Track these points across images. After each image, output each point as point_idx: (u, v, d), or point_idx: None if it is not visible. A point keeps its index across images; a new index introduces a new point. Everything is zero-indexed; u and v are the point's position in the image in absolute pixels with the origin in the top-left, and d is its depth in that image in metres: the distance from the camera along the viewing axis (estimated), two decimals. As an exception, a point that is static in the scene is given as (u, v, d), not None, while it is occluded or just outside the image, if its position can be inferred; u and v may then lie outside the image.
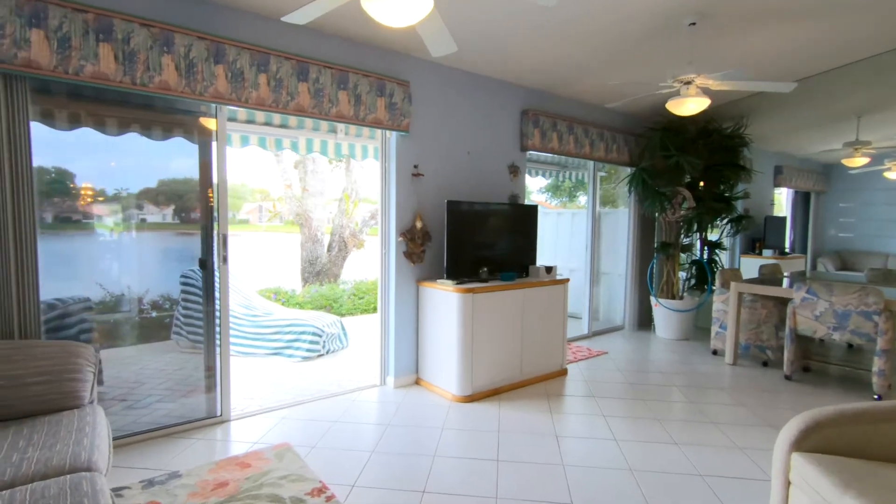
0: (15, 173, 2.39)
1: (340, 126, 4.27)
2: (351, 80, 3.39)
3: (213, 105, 3.02)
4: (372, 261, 3.97)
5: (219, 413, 3.21)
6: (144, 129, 2.95)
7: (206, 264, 3.14)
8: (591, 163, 5.59)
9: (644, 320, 6.22)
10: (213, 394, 3.24)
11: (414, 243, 3.89)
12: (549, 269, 4.27)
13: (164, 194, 3.29)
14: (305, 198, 8.67)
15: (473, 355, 3.62)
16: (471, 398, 3.62)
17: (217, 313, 3.20)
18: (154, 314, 3.50)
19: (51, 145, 2.85)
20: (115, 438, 2.87)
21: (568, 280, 4.29)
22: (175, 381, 3.34)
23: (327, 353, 5.10)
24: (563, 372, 4.30)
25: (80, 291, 3.03)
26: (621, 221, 6.17)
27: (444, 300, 3.68)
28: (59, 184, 2.94)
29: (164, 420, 3.11)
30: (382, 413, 3.40)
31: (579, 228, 6.80)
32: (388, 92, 3.59)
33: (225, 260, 3.14)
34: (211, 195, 3.13)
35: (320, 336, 5.01)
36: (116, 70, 2.54)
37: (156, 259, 3.34)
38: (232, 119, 3.80)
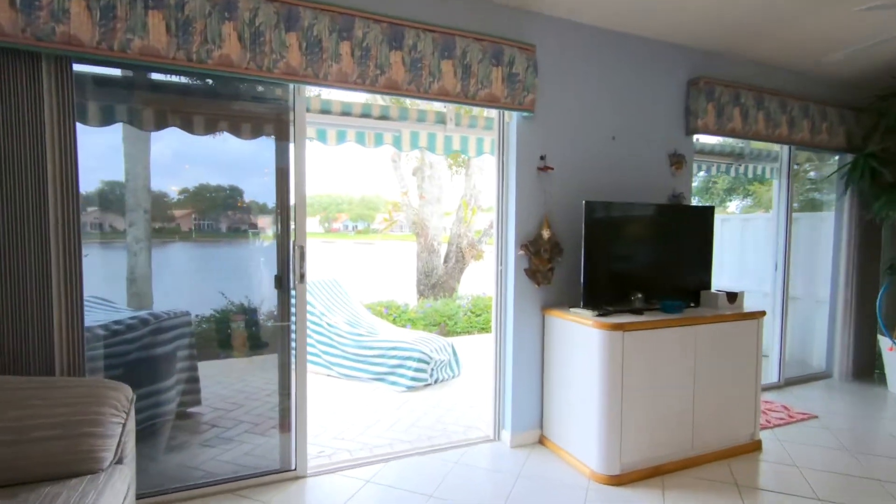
0: (62, 181, 2.01)
1: (450, 114, 3.53)
2: (458, 46, 2.61)
3: (291, 86, 2.45)
4: (491, 274, 3.13)
5: (293, 466, 2.62)
6: (233, 126, 2.51)
7: (281, 282, 2.58)
8: (784, 149, 4.11)
9: (863, 367, 4.45)
10: (287, 435, 2.66)
11: (539, 258, 2.96)
12: (731, 297, 3.02)
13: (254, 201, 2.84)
14: (422, 205, 8.19)
15: (623, 416, 2.57)
16: (619, 479, 2.56)
17: (293, 344, 2.61)
18: (270, 324, 3.15)
19: (135, 148, 2.54)
20: (187, 488, 2.42)
21: (763, 314, 2.99)
22: (270, 405, 2.88)
23: (435, 382, 4.39)
24: (756, 446, 2.99)
25: (200, 300, 2.79)
26: (823, 229, 4.52)
27: (581, 337, 2.68)
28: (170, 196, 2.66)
29: (242, 460, 2.64)
30: (494, 489, 2.51)
31: (756, 239, 5.23)
32: (507, 60, 2.73)
33: (302, 278, 2.54)
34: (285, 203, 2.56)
35: (427, 363, 4.31)
36: (169, 44, 2.05)
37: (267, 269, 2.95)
38: (325, 111, 3.27)
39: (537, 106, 2.90)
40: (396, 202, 9.60)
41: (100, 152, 2.45)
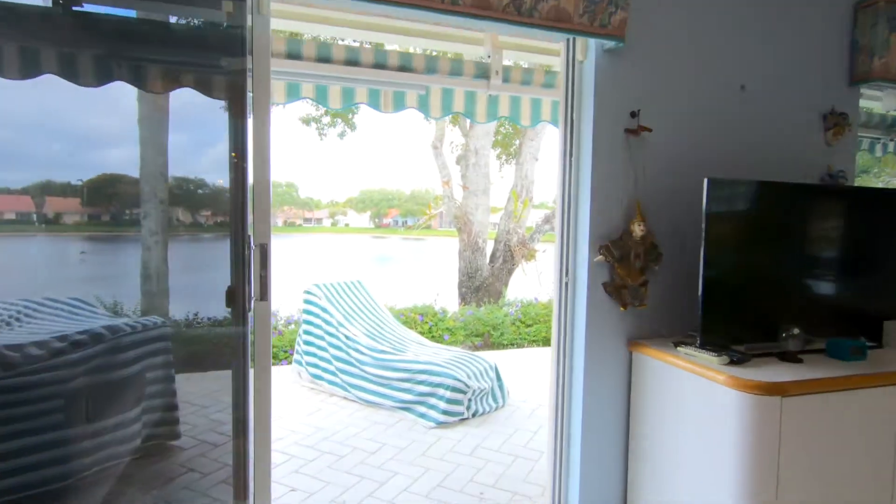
0: None
1: (495, 66, 2.57)
2: (507, -68, 1.65)
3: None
4: (546, 275, 2.13)
5: (253, 570, 1.77)
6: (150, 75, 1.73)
7: (234, 298, 1.72)
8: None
9: None
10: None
11: (626, 267, 1.95)
12: (940, 333, 1.90)
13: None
14: (466, 197, 7.26)
15: (771, 532, 1.54)
16: None
17: (249, 388, 1.76)
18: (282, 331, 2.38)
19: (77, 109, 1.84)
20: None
21: None
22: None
23: (473, 416, 3.49)
24: (984, 576, 1.86)
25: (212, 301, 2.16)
26: None
27: (700, 394, 1.67)
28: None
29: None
30: None
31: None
32: (584, -44, 1.75)
33: (263, 292, 1.68)
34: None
35: (463, 392, 3.41)
36: None
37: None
38: (324, 59, 2.42)
39: (629, 32, 1.89)
40: (438, 195, 8.74)
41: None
